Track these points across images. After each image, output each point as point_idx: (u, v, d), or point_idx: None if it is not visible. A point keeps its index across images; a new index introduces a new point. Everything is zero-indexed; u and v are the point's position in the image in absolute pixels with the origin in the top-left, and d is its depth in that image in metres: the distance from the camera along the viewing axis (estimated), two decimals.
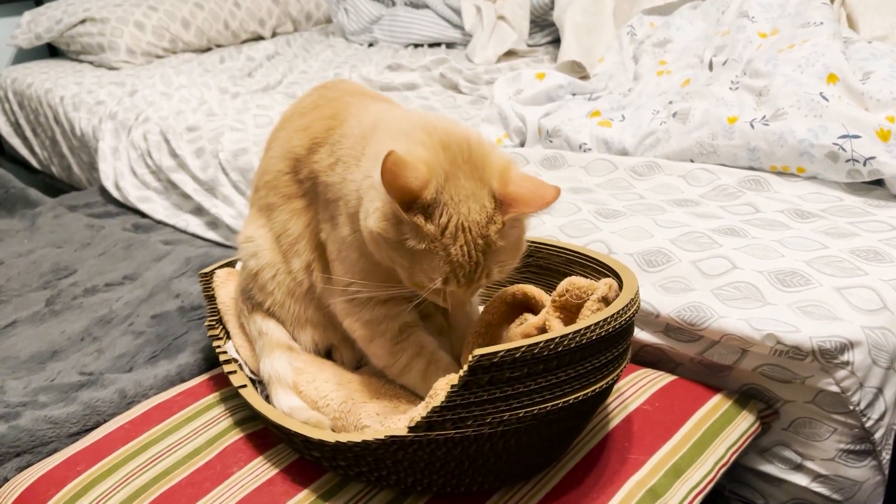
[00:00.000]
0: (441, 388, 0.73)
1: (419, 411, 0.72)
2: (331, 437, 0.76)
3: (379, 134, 0.80)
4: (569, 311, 0.83)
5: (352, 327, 0.86)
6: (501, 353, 0.67)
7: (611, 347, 0.75)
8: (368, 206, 0.75)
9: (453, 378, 0.69)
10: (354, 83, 1.02)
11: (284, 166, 0.91)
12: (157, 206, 1.93)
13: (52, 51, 3.03)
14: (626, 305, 0.76)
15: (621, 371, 0.78)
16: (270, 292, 0.93)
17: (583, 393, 0.73)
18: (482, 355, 0.67)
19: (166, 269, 1.48)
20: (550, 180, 1.40)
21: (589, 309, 0.77)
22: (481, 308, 0.94)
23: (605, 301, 0.78)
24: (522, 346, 0.67)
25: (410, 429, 0.71)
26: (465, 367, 0.67)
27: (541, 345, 0.68)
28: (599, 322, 0.71)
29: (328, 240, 0.87)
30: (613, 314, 0.73)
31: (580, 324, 0.72)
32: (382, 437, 0.72)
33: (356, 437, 0.74)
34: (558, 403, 0.71)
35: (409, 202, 0.71)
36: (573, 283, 0.82)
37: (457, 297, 0.77)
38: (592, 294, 0.78)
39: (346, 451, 0.76)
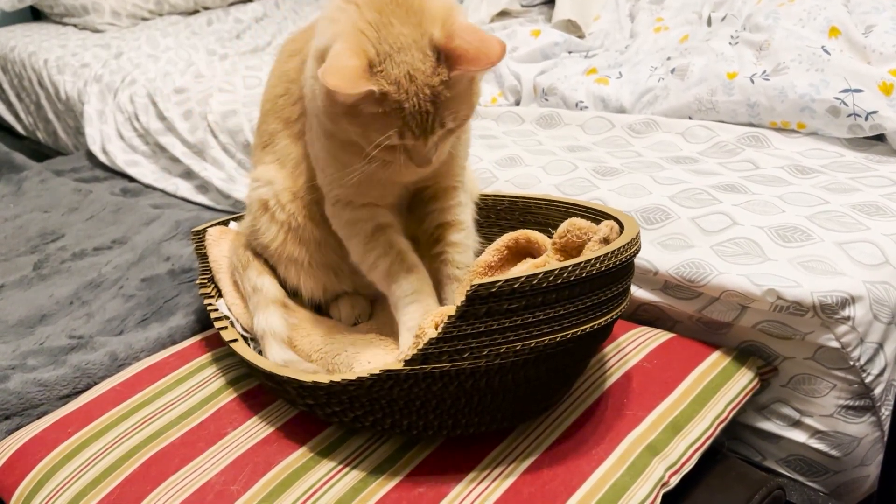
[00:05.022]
0: (428, 326, 0.71)
1: (410, 349, 0.70)
2: (324, 379, 0.75)
3: (320, 22, 0.80)
4: (569, 253, 0.81)
5: (337, 227, 0.89)
6: (500, 284, 0.66)
7: (610, 285, 0.73)
8: (317, 89, 0.77)
9: (450, 309, 0.68)
10: None
11: (282, 90, 0.93)
12: (146, 170, 1.89)
13: (35, 14, 2.95)
14: (628, 244, 0.74)
15: (621, 311, 0.77)
16: (279, 226, 0.93)
17: (581, 329, 0.71)
18: (480, 285, 0.65)
19: (156, 232, 1.46)
20: (546, 139, 1.39)
21: (590, 250, 0.75)
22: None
23: (606, 242, 0.76)
24: (521, 278, 0.66)
25: (406, 362, 0.70)
26: (464, 297, 0.66)
27: (539, 276, 0.66)
28: (599, 257, 0.70)
29: (311, 151, 0.89)
30: (614, 250, 0.72)
31: (581, 258, 0.70)
32: (378, 371, 0.71)
33: (350, 376, 0.73)
34: (556, 338, 0.70)
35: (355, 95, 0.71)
36: (574, 223, 0.81)
37: (418, 153, 0.76)
38: (594, 235, 0.77)
39: (340, 392, 0.75)
